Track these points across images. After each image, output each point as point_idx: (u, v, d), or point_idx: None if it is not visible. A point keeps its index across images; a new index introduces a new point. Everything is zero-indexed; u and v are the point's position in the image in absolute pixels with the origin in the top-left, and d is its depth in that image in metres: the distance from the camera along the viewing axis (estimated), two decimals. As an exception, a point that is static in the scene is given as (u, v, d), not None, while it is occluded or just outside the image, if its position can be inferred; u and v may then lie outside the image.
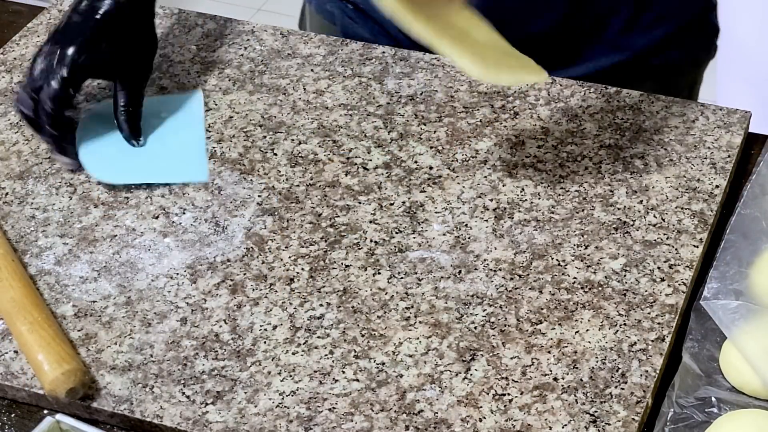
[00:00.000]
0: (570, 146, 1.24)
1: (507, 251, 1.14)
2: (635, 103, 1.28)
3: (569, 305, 1.09)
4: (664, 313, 1.08)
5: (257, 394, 1.04)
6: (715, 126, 1.25)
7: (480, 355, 1.05)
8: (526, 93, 1.30)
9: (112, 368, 1.06)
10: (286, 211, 1.19)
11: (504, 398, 1.02)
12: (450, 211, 1.18)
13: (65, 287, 1.13)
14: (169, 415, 1.02)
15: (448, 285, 1.11)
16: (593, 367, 1.04)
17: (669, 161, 1.22)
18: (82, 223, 1.19)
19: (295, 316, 1.09)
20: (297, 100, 1.31)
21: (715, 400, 1.01)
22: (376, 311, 1.09)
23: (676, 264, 1.12)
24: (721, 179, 1.20)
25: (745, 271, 1.08)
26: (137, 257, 1.15)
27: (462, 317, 1.08)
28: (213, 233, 1.17)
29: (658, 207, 1.17)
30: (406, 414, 1.02)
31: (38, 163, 1.25)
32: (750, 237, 1.11)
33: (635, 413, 1.01)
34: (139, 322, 1.09)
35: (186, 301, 1.11)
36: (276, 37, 1.39)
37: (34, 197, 1.22)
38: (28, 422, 1.04)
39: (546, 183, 1.20)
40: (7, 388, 1.06)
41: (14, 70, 1.36)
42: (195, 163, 1.24)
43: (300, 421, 1.01)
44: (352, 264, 1.14)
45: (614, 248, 1.14)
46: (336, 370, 1.05)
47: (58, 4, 1.45)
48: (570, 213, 1.17)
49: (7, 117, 1.31)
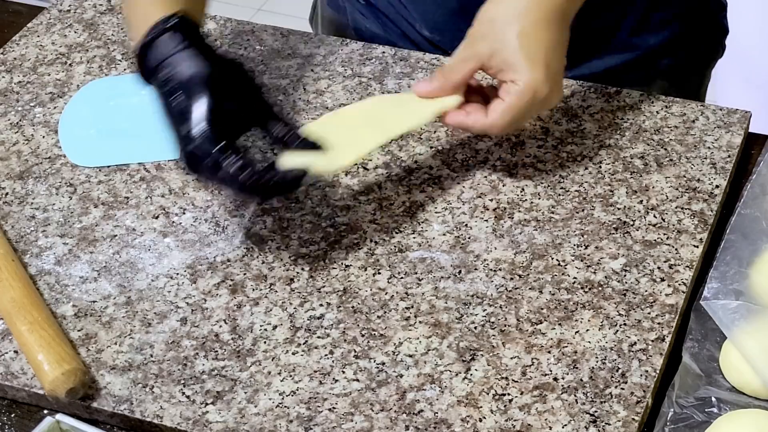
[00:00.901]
0: (570, 146, 1.24)
1: (507, 251, 1.14)
2: (635, 103, 1.28)
3: (569, 305, 1.09)
4: (664, 313, 1.08)
5: (257, 394, 1.04)
6: (715, 126, 1.25)
7: (480, 355, 1.05)
8: (526, 93, 1.30)
9: (112, 368, 1.06)
10: (286, 211, 1.19)
11: (504, 398, 1.02)
12: (450, 211, 1.18)
13: (65, 287, 1.13)
14: (169, 415, 1.02)
15: (448, 285, 1.11)
16: (593, 367, 1.04)
17: (669, 161, 1.22)
18: (82, 223, 1.19)
19: (295, 316, 1.09)
20: (297, 100, 1.31)
21: (715, 400, 1.01)
22: (376, 311, 1.09)
23: (676, 264, 1.12)
24: (721, 179, 1.20)
25: (745, 271, 1.08)
26: (137, 257, 1.15)
27: (462, 317, 1.08)
28: (213, 233, 1.17)
29: (658, 207, 1.17)
30: (406, 414, 1.01)
31: (38, 163, 1.25)
32: (750, 237, 1.11)
33: (635, 413, 1.01)
34: (139, 322, 1.09)
35: (186, 301, 1.11)
36: (276, 37, 1.39)
37: (34, 197, 1.22)
38: (28, 422, 1.04)
39: (546, 183, 1.20)
40: (7, 388, 1.06)
41: (14, 70, 1.36)
42: (171, 141, 1.25)
43: (300, 421, 1.01)
44: (352, 264, 1.14)
45: (614, 248, 1.14)
46: (336, 370, 1.05)
47: (58, 4, 1.45)
48: (570, 213, 1.17)
49: (7, 117, 1.31)
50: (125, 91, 1.32)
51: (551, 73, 1.13)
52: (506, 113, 1.13)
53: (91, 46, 1.39)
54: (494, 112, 1.14)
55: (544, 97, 1.13)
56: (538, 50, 1.12)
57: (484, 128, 1.15)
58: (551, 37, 1.13)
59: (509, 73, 1.12)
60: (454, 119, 1.16)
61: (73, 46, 1.39)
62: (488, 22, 1.14)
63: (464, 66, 1.15)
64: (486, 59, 1.13)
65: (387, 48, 1.36)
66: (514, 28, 1.12)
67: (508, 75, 1.13)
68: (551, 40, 1.13)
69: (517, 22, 1.12)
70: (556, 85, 1.14)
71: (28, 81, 1.35)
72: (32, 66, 1.37)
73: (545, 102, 1.14)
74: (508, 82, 1.13)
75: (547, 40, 1.13)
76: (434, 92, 1.16)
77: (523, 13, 1.13)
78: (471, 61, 1.14)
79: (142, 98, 1.30)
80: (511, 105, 1.13)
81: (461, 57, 1.15)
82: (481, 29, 1.15)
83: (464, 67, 1.15)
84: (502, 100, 1.13)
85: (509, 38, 1.12)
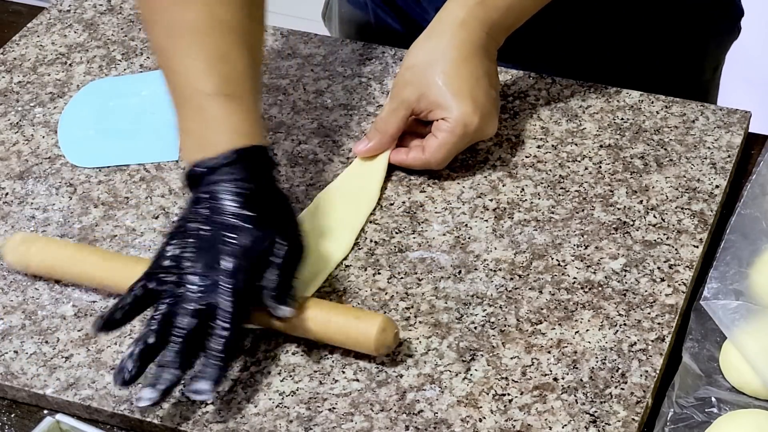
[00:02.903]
0: (570, 146, 1.24)
1: (507, 251, 1.14)
2: (635, 103, 1.28)
3: (569, 305, 1.09)
4: (664, 313, 1.08)
5: (257, 394, 1.04)
6: (715, 126, 1.25)
7: (480, 355, 1.05)
8: (526, 93, 1.30)
9: (113, 368, 1.06)
10: (286, 211, 1.19)
11: (504, 398, 1.02)
12: (450, 211, 1.18)
13: (65, 287, 1.13)
14: (169, 415, 1.02)
15: (448, 285, 1.11)
16: (593, 367, 1.04)
17: (669, 161, 1.22)
18: (82, 223, 1.19)
19: (295, 316, 1.09)
20: (297, 100, 1.31)
21: (715, 400, 1.01)
22: (376, 311, 1.09)
23: (676, 264, 1.12)
24: (721, 179, 1.20)
25: (745, 271, 1.08)
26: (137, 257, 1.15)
27: (462, 317, 1.08)
28: (213, 233, 1.17)
29: (658, 207, 1.17)
30: (406, 414, 1.01)
31: (38, 163, 1.25)
32: (750, 237, 1.11)
33: (635, 413, 1.01)
34: (139, 322, 1.09)
35: (186, 301, 1.11)
36: (276, 37, 1.39)
37: (34, 197, 1.22)
38: (28, 422, 1.04)
39: (546, 183, 1.20)
40: (7, 388, 1.06)
41: (14, 70, 1.36)
42: (169, 141, 1.26)
43: (300, 421, 1.01)
44: (352, 264, 1.14)
45: (614, 248, 1.14)
46: (336, 370, 1.05)
47: (58, 4, 1.45)
48: (570, 213, 1.17)
49: (7, 117, 1.31)
50: (125, 91, 1.32)
51: (479, 105, 1.17)
52: (441, 149, 1.18)
53: (91, 46, 1.39)
54: (429, 148, 1.18)
55: (476, 128, 1.17)
56: (461, 86, 1.17)
57: (423, 164, 1.20)
58: (472, 72, 1.17)
59: (438, 112, 1.17)
60: (396, 158, 1.22)
61: (73, 46, 1.39)
62: (410, 69, 1.19)
63: (395, 116, 1.20)
64: (414, 104, 1.18)
65: (387, 48, 1.36)
66: (436, 70, 1.17)
67: (437, 114, 1.17)
68: (473, 75, 1.17)
69: (437, 64, 1.17)
70: (488, 115, 1.18)
71: (28, 81, 1.35)
72: (32, 66, 1.37)
73: (478, 132, 1.18)
74: (440, 120, 1.17)
75: (469, 76, 1.17)
76: (374, 150, 1.21)
77: (441, 56, 1.17)
78: (400, 109, 1.19)
79: (141, 99, 1.31)
80: (444, 141, 1.17)
81: (391, 108, 1.20)
82: (405, 76, 1.20)
83: (395, 117, 1.20)
84: (435, 137, 1.18)
85: (432, 80, 1.17)
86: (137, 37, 1.39)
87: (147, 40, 1.38)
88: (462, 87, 1.16)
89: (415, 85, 1.18)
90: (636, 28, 1.38)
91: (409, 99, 1.18)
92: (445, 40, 1.18)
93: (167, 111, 1.29)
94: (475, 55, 1.18)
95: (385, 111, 1.20)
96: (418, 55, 1.19)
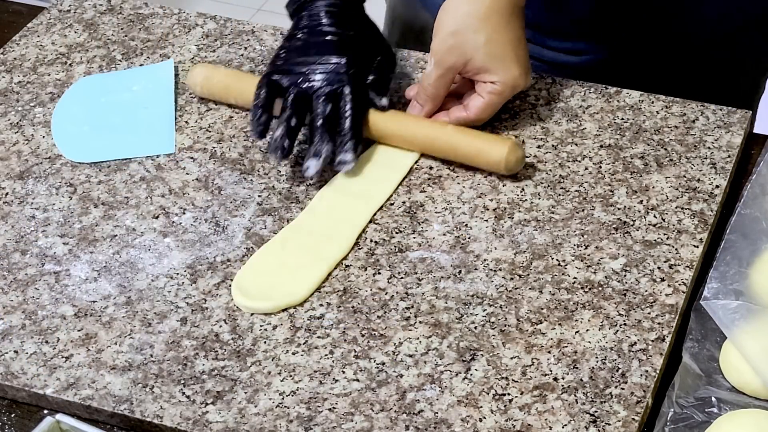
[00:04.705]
0: (570, 146, 1.24)
1: (507, 251, 1.14)
2: (635, 103, 1.28)
3: (569, 305, 1.09)
4: (664, 313, 1.08)
5: (257, 394, 1.04)
6: (715, 126, 1.25)
7: (480, 355, 1.05)
8: (526, 93, 1.30)
9: (112, 368, 1.06)
10: (286, 211, 1.19)
11: (504, 398, 1.02)
12: (450, 211, 1.18)
13: (65, 287, 1.13)
14: (169, 415, 1.02)
15: (448, 285, 1.11)
16: (593, 367, 1.04)
17: (669, 161, 1.22)
18: (82, 223, 1.19)
19: (295, 316, 1.09)
20: (297, 100, 1.30)
21: (715, 400, 1.01)
22: (376, 311, 1.09)
23: (676, 264, 1.12)
24: (721, 179, 1.20)
25: (745, 271, 1.08)
26: (137, 257, 1.15)
27: (462, 317, 1.08)
28: (213, 233, 1.17)
29: (658, 207, 1.17)
30: (406, 414, 1.01)
31: (38, 163, 1.25)
32: (750, 237, 1.11)
33: (635, 413, 1.01)
34: (139, 322, 1.09)
35: (186, 301, 1.11)
36: (276, 37, 1.39)
37: (34, 197, 1.22)
38: (28, 422, 1.04)
39: (546, 183, 1.20)
40: (7, 388, 1.06)
41: (14, 70, 1.36)
42: (163, 135, 1.26)
43: (300, 421, 1.01)
44: (352, 264, 1.14)
45: (614, 248, 1.14)
46: (336, 370, 1.05)
47: (58, 4, 1.45)
48: (570, 213, 1.17)
49: (7, 117, 1.31)
50: (115, 87, 1.33)
51: (523, 65, 1.22)
52: (488, 108, 1.23)
53: (91, 46, 1.39)
54: (475, 108, 1.23)
55: (522, 87, 1.24)
56: (505, 50, 1.21)
57: (468, 123, 1.24)
58: (515, 33, 1.22)
59: (485, 76, 1.21)
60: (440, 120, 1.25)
61: (73, 46, 1.39)
62: (453, 35, 1.21)
63: (443, 82, 1.23)
64: (461, 68, 1.22)
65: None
66: (480, 38, 1.20)
67: (485, 77, 1.21)
68: (515, 36, 1.22)
69: (482, 30, 1.20)
70: (529, 72, 1.24)
71: (28, 81, 1.35)
72: (32, 66, 1.37)
73: (522, 89, 1.24)
74: (487, 83, 1.21)
75: (512, 38, 1.21)
76: (428, 114, 1.25)
77: (484, 22, 1.20)
78: (448, 75, 1.23)
79: (133, 94, 1.31)
80: (491, 102, 1.22)
81: (438, 74, 1.22)
82: (448, 42, 1.21)
83: (444, 82, 1.23)
84: (481, 97, 1.22)
85: (477, 47, 1.20)
86: (137, 37, 1.39)
87: (147, 40, 1.38)
88: (506, 50, 1.20)
89: (459, 53, 1.20)
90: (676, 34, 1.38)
91: (455, 66, 1.21)
92: (485, 4, 1.20)
93: (160, 105, 1.30)
94: (513, 14, 1.21)
95: (432, 77, 1.23)
96: (457, 21, 1.21)
